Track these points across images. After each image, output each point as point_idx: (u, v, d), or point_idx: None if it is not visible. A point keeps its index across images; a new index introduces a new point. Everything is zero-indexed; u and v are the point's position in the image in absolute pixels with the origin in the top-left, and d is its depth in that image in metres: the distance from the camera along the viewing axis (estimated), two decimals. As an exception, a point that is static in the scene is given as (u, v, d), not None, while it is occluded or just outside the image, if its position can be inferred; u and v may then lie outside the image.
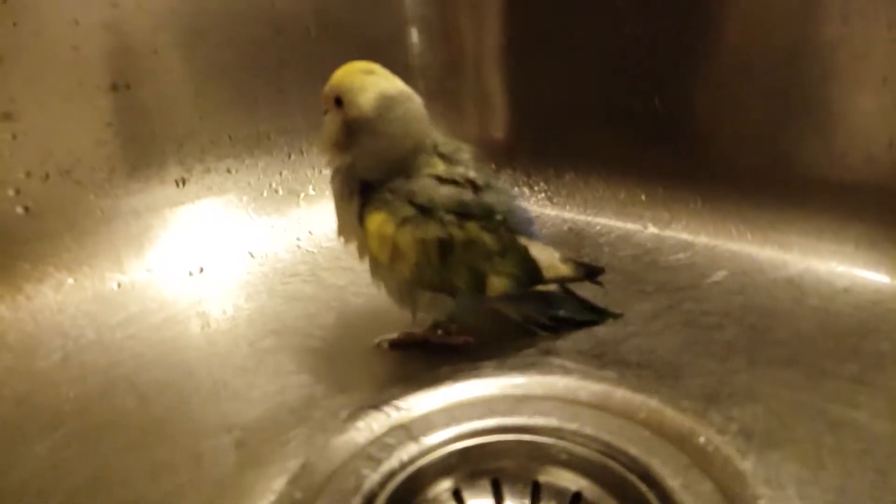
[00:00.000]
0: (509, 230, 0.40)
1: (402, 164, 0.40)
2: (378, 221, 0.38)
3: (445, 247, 0.38)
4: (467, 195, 0.39)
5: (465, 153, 0.42)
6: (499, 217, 0.40)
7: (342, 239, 0.42)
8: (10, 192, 0.50)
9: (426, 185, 0.39)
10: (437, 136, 0.42)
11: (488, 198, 0.40)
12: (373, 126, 0.38)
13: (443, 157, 0.41)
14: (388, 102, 0.38)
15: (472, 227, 0.39)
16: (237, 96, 0.61)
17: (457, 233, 0.39)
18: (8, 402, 0.40)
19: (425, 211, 0.38)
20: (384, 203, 0.39)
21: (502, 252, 0.40)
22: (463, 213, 0.39)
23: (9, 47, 0.49)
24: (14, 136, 0.50)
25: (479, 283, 0.40)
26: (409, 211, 0.38)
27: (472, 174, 0.40)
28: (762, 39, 0.51)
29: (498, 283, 0.40)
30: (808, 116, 0.50)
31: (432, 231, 0.38)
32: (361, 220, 0.39)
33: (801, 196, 0.51)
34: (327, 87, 0.39)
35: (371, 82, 0.39)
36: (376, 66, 0.40)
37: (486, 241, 0.39)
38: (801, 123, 0.50)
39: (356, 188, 0.40)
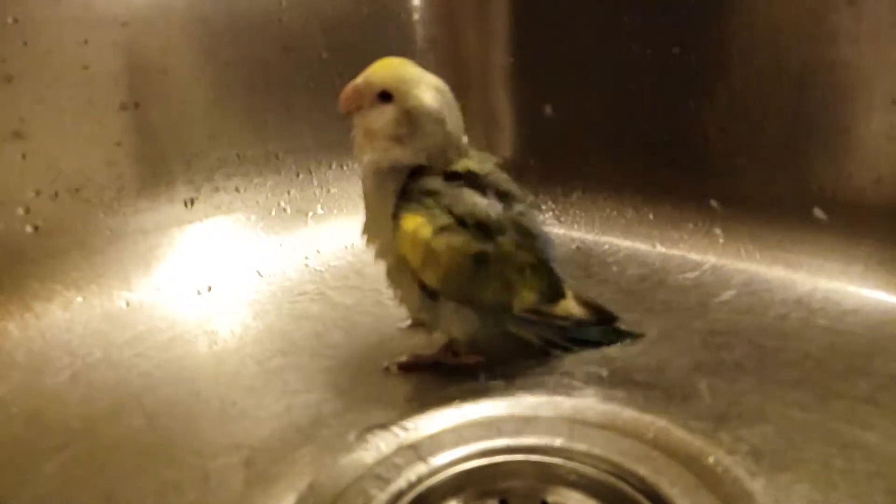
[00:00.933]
0: (538, 248, 0.41)
1: (446, 157, 0.40)
2: (415, 224, 0.38)
3: (480, 261, 0.39)
4: (500, 210, 0.40)
5: (489, 162, 0.43)
6: (533, 236, 0.41)
7: (365, 237, 0.42)
8: (20, 211, 0.51)
9: (463, 197, 0.39)
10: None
11: (519, 211, 0.41)
12: (435, 116, 0.39)
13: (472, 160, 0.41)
14: (442, 93, 0.40)
15: (507, 243, 0.40)
16: (246, 116, 0.62)
17: (492, 249, 0.39)
18: (17, 420, 0.40)
19: (463, 223, 0.39)
20: (423, 207, 0.39)
21: (533, 269, 0.41)
22: (498, 228, 0.39)
23: (19, 67, 0.49)
24: (24, 156, 0.50)
25: (507, 297, 0.40)
26: (446, 220, 0.38)
27: (503, 186, 0.41)
28: (771, 60, 0.51)
29: (527, 297, 0.41)
30: (816, 136, 0.50)
31: (469, 244, 0.38)
32: (395, 217, 0.39)
33: (810, 216, 0.51)
34: (365, 83, 0.39)
35: (419, 74, 0.40)
36: (408, 61, 0.40)
37: (519, 257, 0.40)
38: (809, 143, 0.50)
39: (398, 185, 0.40)
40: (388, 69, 0.39)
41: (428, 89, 0.39)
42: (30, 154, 0.50)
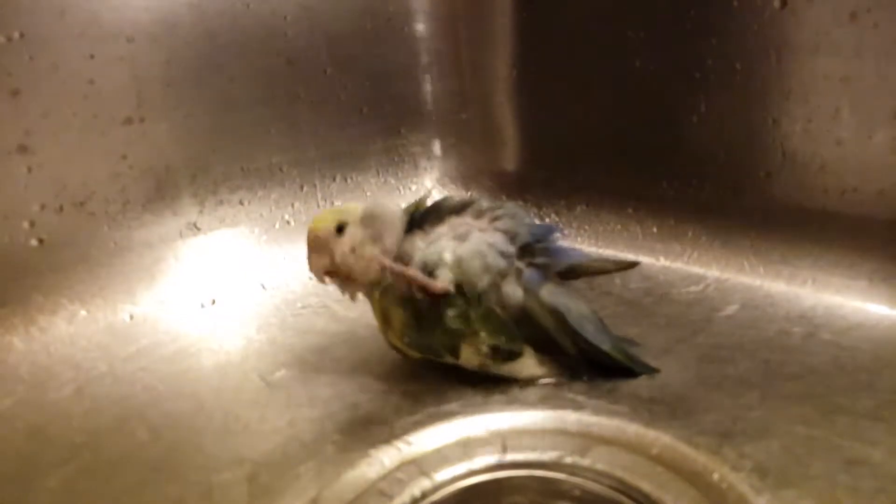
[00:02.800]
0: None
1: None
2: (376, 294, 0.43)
3: (418, 317, 0.41)
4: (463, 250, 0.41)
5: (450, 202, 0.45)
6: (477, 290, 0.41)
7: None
8: (25, 225, 0.51)
9: (434, 246, 0.42)
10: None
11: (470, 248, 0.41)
12: (382, 204, 0.44)
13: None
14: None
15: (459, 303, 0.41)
16: (251, 129, 0.62)
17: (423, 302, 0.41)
18: (21, 434, 0.41)
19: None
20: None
21: (486, 321, 0.41)
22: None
23: (25, 81, 0.50)
24: (29, 169, 0.51)
25: (451, 355, 0.42)
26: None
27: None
28: (774, 74, 0.51)
29: (471, 358, 0.41)
30: (820, 150, 0.50)
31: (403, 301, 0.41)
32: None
33: (814, 230, 0.51)
34: (316, 238, 0.42)
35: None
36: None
37: (471, 313, 0.41)
38: (812, 157, 0.50)
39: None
40: (322, 216, 0.43)
41: (352, 205, 0.44)
42: (35, 167, 0.51)
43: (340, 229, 0.42)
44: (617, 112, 0.62)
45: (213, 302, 0.56)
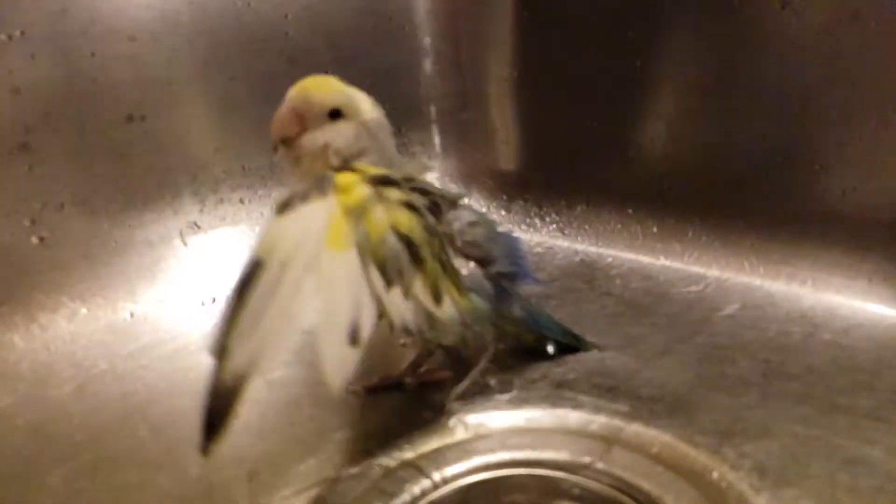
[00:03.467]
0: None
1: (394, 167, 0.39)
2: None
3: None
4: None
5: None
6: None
7: None
8: (26, 223, 0.51)
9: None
10: None
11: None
12: (387, 127, 0.40)
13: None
14: (377, 105, 0.40)
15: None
16: (251, 127, 0.62)
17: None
18: (21, 432, 0.41)
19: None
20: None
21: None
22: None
23: (27, 79, 0.50)
24: (30, 167, 0.51)
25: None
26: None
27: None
28: (777, 74, 0.51)
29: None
30: (820, 150, 0.50)
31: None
32: None
33: (814, 230, 0.51)
34: (307, 104, 0.37)
35: (352, 88, 0.39)
36: (330, 77, 0.40)
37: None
38: (813, 156, 0.50)
39: None
40: (327, 87, 0.38)
41: (369, 102, 0.39)
42: (36, 166, 0.51)
43: (335, 115, 0.38)
44: (617, 112, 0.62)
45: (214, 300, 0.56)
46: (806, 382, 0.40)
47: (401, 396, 0.42)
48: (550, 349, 0.44)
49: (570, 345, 0.45)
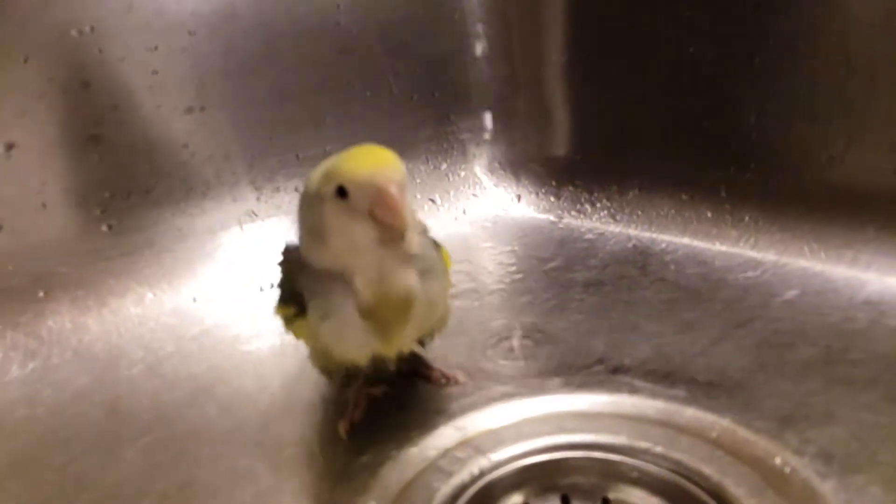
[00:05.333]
0: None
1: None
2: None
3: None
4: None
5: None
6: None
7: None
8: (97, 212, 0.53)
9: None
10: None
11: None
12: None
13: None
14: None
15: None
16: (305, 116, 0.63)
17: None
18: (99, 409, 0.43)
19: None
20: None
21: None
22: None
23: (95, 73, 0.52)
24: (100, 158, 0.53)
25: None
26: None
27: None
28: (839, 54, 0.50)
29: None
30: (883, 133, 0.49)
31: None
32: None
33: (877, 214, 0.50)
34: (400, 188, 0.32)
35: None
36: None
37: None
38: (876, 140, 0.49)
39: None
40: (393, 158, 0.33)
41: None
42: (105, 156, 0.53)
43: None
44: (670, 96, 0.61)
45: (272, 286, 0.58)
46: (871, 369, 0.39)
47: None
48: None
49: None
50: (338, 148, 0.64)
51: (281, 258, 0.40)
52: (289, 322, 0.38)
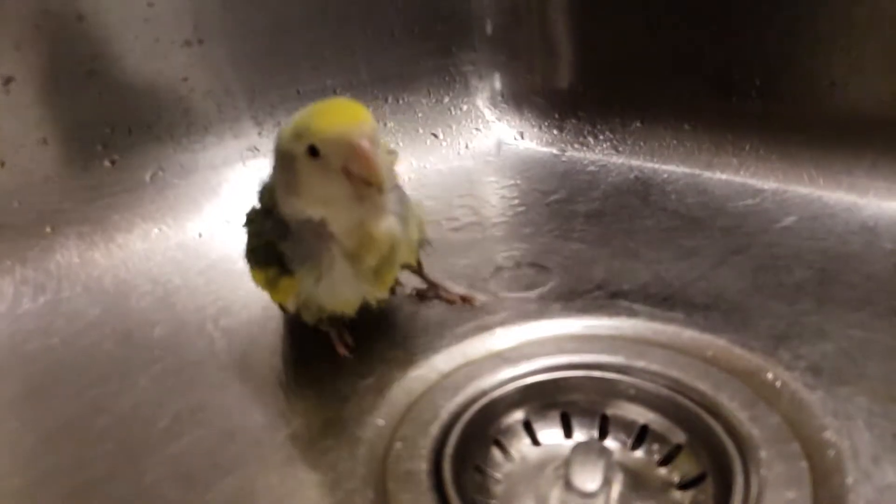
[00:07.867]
0: None
1: None
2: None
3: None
4: None
5: None
6: None
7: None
8: (99, 147, 0.53)
9: None
10: None
11: None
12: None
13: None
14: None
15: None
16: (304, 51, 0.62)
17: None
18: (111, 339, 0.44)
19: None
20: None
21: None
22: None
23: (89, 6, 0.51)
24: (100, 93, 0.53)
25: None
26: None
27: None
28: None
29: None
30: (881, 60, 0.48)
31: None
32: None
33: (875, 140, 0.50)
34: (373, 140, 0.32)
35: None
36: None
37: None
38: (875, 67, 0.49)
39: None
40: (366, 113, 0.33)
41: None
42: (104, 91, 0.53)
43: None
44: (673, 27, 0.60)
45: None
46: (864, 290, 0.40)
47: (458, 308, 0.43)
48: None
49: None
50: (337, 83, 0.65)
51: (246, 221, 0.40)
52: (272, 283, 0.37)
